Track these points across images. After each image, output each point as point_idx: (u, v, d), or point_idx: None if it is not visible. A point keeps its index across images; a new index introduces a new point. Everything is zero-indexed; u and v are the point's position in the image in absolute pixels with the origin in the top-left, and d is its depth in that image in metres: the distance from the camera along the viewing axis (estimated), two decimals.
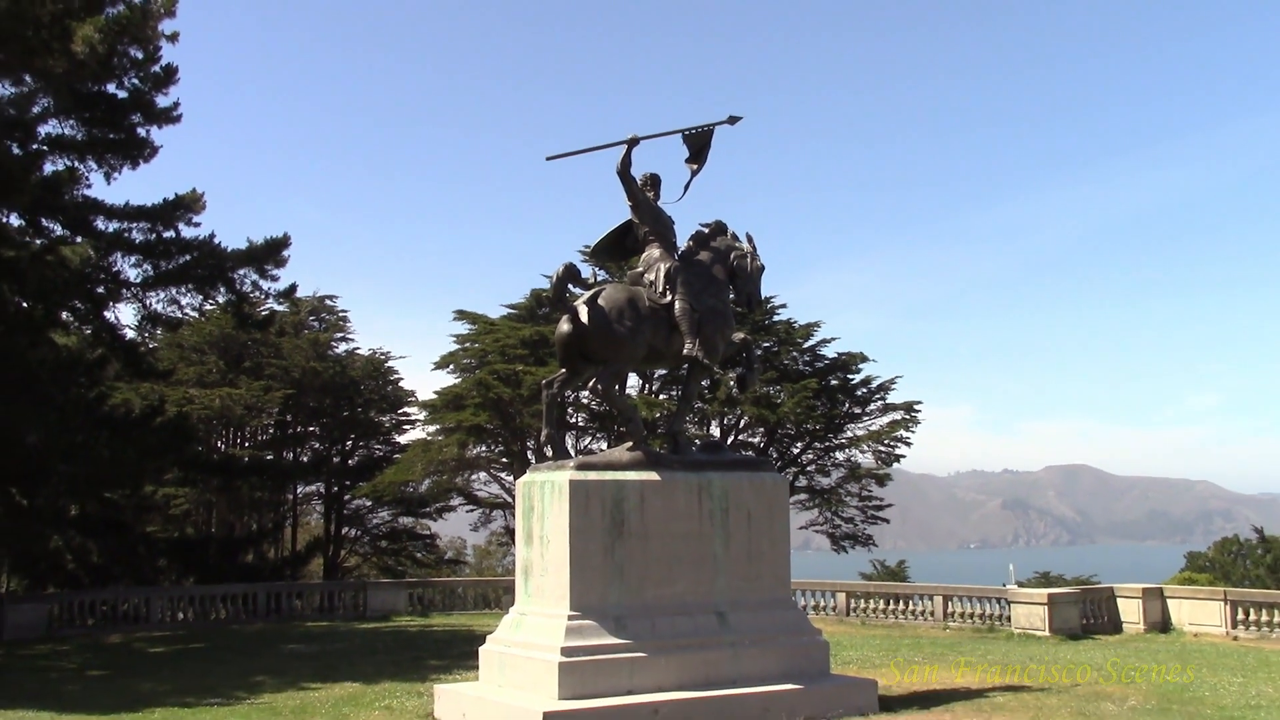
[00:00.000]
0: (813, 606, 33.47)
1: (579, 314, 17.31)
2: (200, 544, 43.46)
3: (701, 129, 18.87)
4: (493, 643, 17.15)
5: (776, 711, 15.86)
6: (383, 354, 52.44)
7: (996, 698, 18.08)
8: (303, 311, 50.85)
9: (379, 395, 52.00)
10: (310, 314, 52.14)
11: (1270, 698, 18.40)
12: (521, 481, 17.61)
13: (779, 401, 45.28)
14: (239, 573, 40.71)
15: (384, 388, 52.21)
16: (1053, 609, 28.79)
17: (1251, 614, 28.56)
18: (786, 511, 18.47)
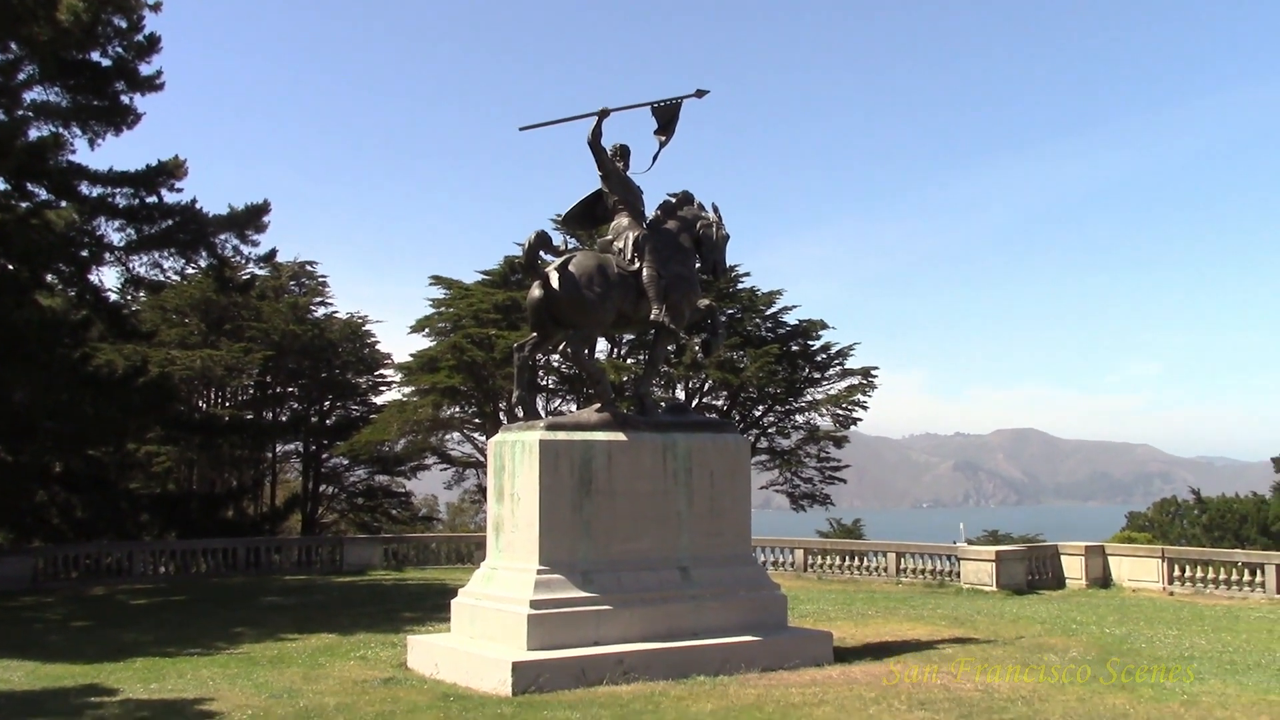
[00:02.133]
0: (772, 562, 33.64)
1: (550, 280, 17.28)
2: (182, 500, 43.21)
3: (670, 102, 18.80)
4: (464, 596, 17.17)
5: (736, 662, 15.97)
6: (360, 318, 52.18)
7: (945, 649, 18.26)
8: (283, 276, 50.50)
9: (356, 357, 51.76)
10: (290, 278, 51.75)
11: (1203, 649, 18.67)
12: (493, 441, 17.60)
13: (742, 366, 45.37)
14: (219, 528, 40.52)
15: (361, 350, 51.96)
16: (1000, 566, 29.07)
17: (1187, 570, 28.93)
18: (748, 471, 18.57)
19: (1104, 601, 26.85)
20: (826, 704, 13.63)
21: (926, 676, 15.55)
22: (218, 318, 47.16)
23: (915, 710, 13.26)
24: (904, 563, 31.83)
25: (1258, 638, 20.28)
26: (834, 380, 49.05)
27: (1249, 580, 27.75)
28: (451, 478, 51.05)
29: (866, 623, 21.95)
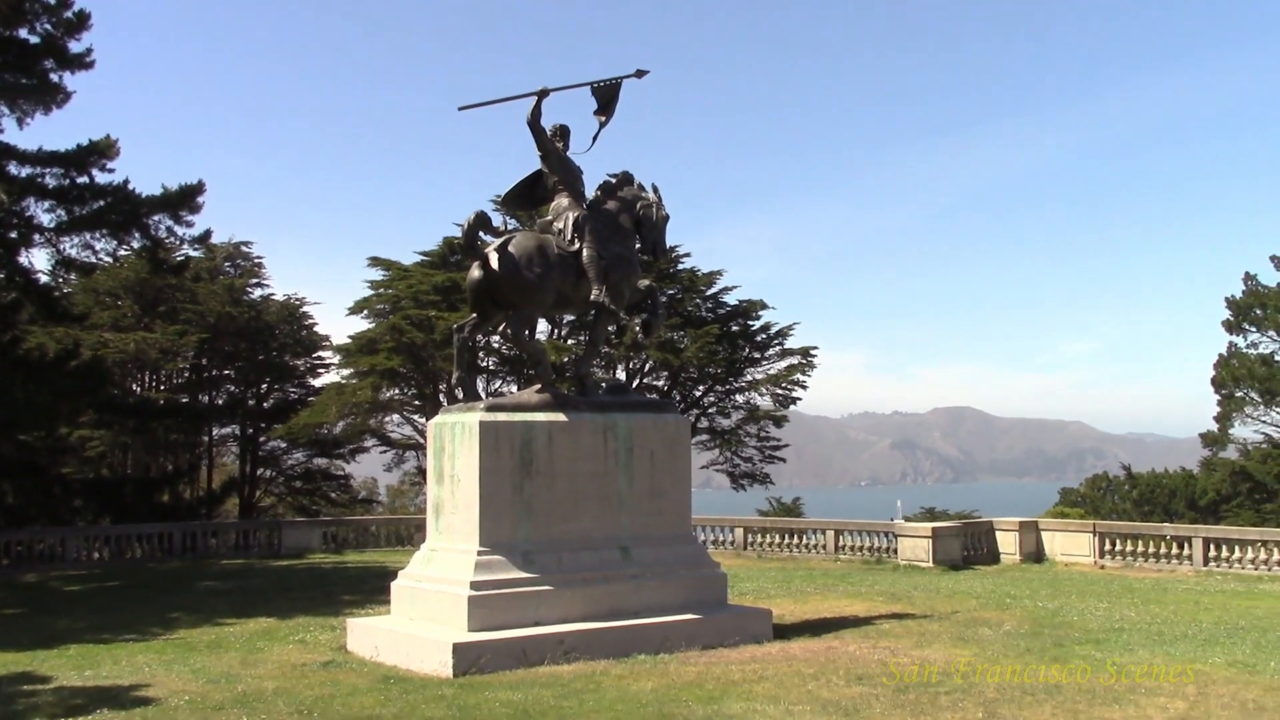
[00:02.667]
0: (712, 541, 33.81)
1: (490, 261, 17.21)
2: (116, 485, 42.52)
3: (609, 82, 18.76)
4: (404, 578, 17.10)
5: (676, 640, 16.05)
6: (298, 299, 51.60)
7: (883, 625, 18.48)
8: (218, 257, 49.76)
9: (294, 340, 51.20)
10: (225, 260, 51.00)
11: (1132, 620, 19.06)
12: (433, 423, 17.52)
13: (682, 346, 45.45)
14: (154, 513, 39.94)
15: (299, 332, 51.40)
16: (936, 542, 29.45)
17: (1117, 545, 29.48)
18: (688, 451, 18.63)
19: (1037, 576, 27.29)
20: (766, 680, 13.75)
21: (864, 652, 15.74)
22: (152, 300, 46.41)
23: (853, 685, 13.42)
24: (842, 540, 32.13)
25: (1185, 609, 20.74)
26: (774, 360, 49.34)
27: (1177, 553, 28.34)
28: (391, 460, 50.82)
29: (806, 600, 22.16)
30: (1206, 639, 17.11)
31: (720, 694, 12.98)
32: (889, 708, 12.20)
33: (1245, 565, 27.02)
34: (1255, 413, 63.48)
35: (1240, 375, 62.42)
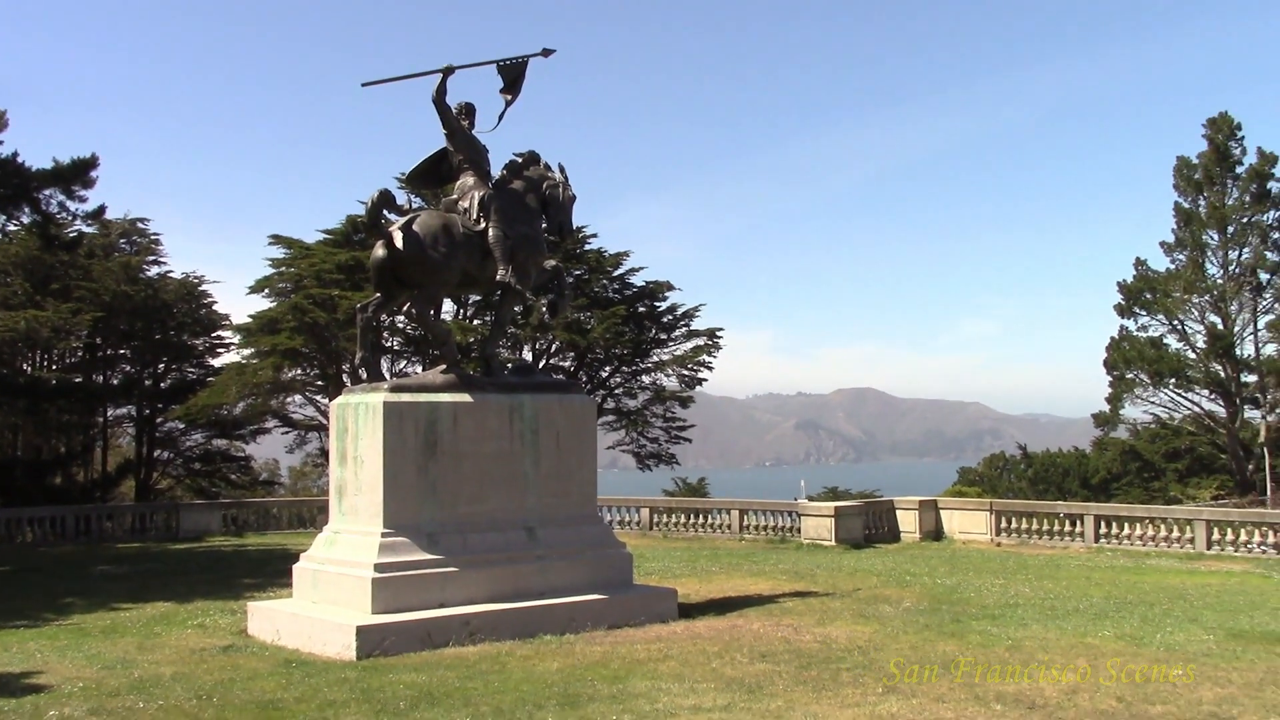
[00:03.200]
0: (618, 521, 33.92)
1: (394, 239, 17.03)
2: (5, 467, 41.35)
3: (516, 60, 18.63)
4: (307, 560, 16.89)
5: (582, 620, 16.10)
6: (196, 278, 50.41)
7: (786, 603, 18.72)
8: (113, 234, 48.41)
9: (192, 319, 50.04)
10: (121, 236, 49.62)
11: (1026, 596, 19.56)
12: (336, 403, 17.31)
13: (589, 327, 45.46)
14: (46, 495, 38.92)
15: (197, 311, 50.25)
16: (839, 521, 29.88)
17: (1013, 522, 30.21)
18: (594, 432, 18.67)
19: (936, 553, 27.86)
20: (671, 659, 13.85)
21: (768, 630, 15.93)
22: (43, 277, 44.99)
23: (757, 662, 13.58)
24: (747, 520, 32.45)
25: (1076, 584, 21.34)
26: (680, 341, 49.58)
27: (1070, 530, 29.12)
28: (293, 441, 50.15)
29: (710, 579, 22.35)
30: (1097, 613, 17.63)
31: (626, 673, 13.05)
32: (792, 684, 12.37)
33: (1134, 542, 27.87)
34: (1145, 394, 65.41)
35: (1131, 357, 64.26)
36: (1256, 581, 22.18)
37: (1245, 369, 62.70)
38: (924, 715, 10.96)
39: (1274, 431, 59.76)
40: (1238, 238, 62.08)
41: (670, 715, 10.99)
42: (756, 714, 11.01)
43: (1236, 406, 62.80)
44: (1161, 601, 18.96)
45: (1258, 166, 61.82)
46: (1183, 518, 28.23)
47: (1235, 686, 12.38)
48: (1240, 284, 61.83)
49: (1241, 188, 62.20)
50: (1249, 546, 26.22)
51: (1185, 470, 65.82)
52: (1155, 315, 64.76)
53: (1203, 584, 21.60)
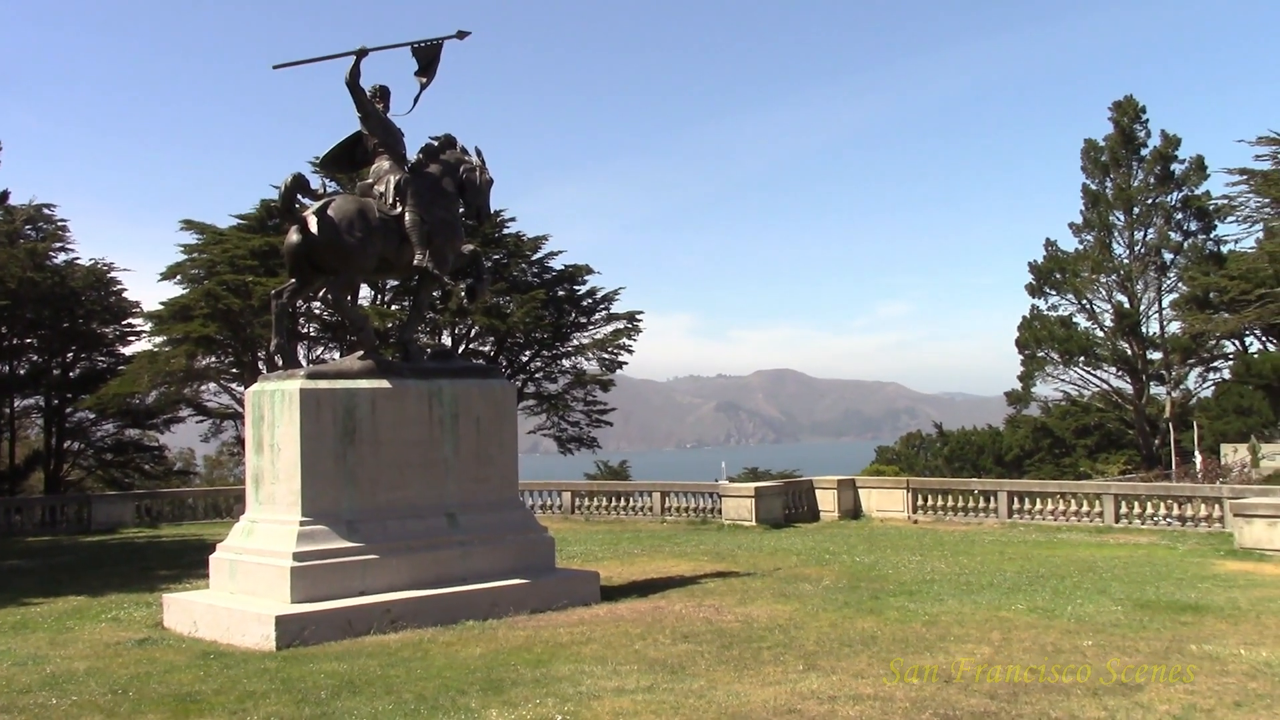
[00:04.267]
0: (540, 506, 33.90)
1: (308, 224, 16.79)
2: None
3: (430, 42, 18.43)
4: (223, 550, 16.64)
5: (504, 605, 16.07)
6: (105, 264, 49.33)
7: (708, 583, 18.86)
8: (17, 220, 47.16)
9: (102, 306, 48.98)
10: (26, 223, 48.36)
11: (942, 572, 19.91)
12: (251, 391, 17.05)
13: (508, 312, 45.32)
14: None
15: (107, 299, 49.18)
16: (759, 501, 30.14)
17: (929, 500, 30.72)
18: (514, 416, 18.61)
19: (855, 532, 28.23)
20: (594, 642, 13.88)
21: (690, 610, 16.03)
22: None
23: (679, 643, 13.66)
24: (668, 502, 32.61)
25: (990, 560, 21.77)
26: (600, 324, 49.68)
27: (984, 507, 29.69)
28: (208, 430, 49.40)
29: (633, 561, 22.43)
30: (1010, 587, 18.00)
31: (548, 657, 13.06)
32: (714, 664, 12.47)
33: (1046, 517, 28.49)
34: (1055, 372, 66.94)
35: (1041, 336, 65.65)
36: (1162, 553, 22.80)
37: (1151, 346, 64.42)
38: (843, 691, 11.12)
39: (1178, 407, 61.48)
40: (1143, 218, 63.66)
41: (593, 697, 11.03)
42: (679, 694, 11.08)
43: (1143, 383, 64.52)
44: (1072, 574, 19.42)
45: (1161, 149, 63.39)
46: (1092, 492, 28.91)
47: (1142, 655, 12.73)
48: (1145, 263, 63.44)
49: (1146, 169, 63.75)
50: (1155, 519, 26.93)
51: (1094, 446, 67.55)
52: (1065, 295, 66.22)
53: (1111, 556, 22.16)
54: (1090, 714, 10.21)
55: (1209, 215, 60.86)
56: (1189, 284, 60.82)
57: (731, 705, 10.63)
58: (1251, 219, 50.90)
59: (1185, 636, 13.82)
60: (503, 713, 10.54)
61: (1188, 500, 26.99)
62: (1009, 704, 10.56)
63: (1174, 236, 63.37)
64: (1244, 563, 21.14)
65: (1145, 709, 10.36)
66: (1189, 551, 23.00)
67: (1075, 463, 64.97)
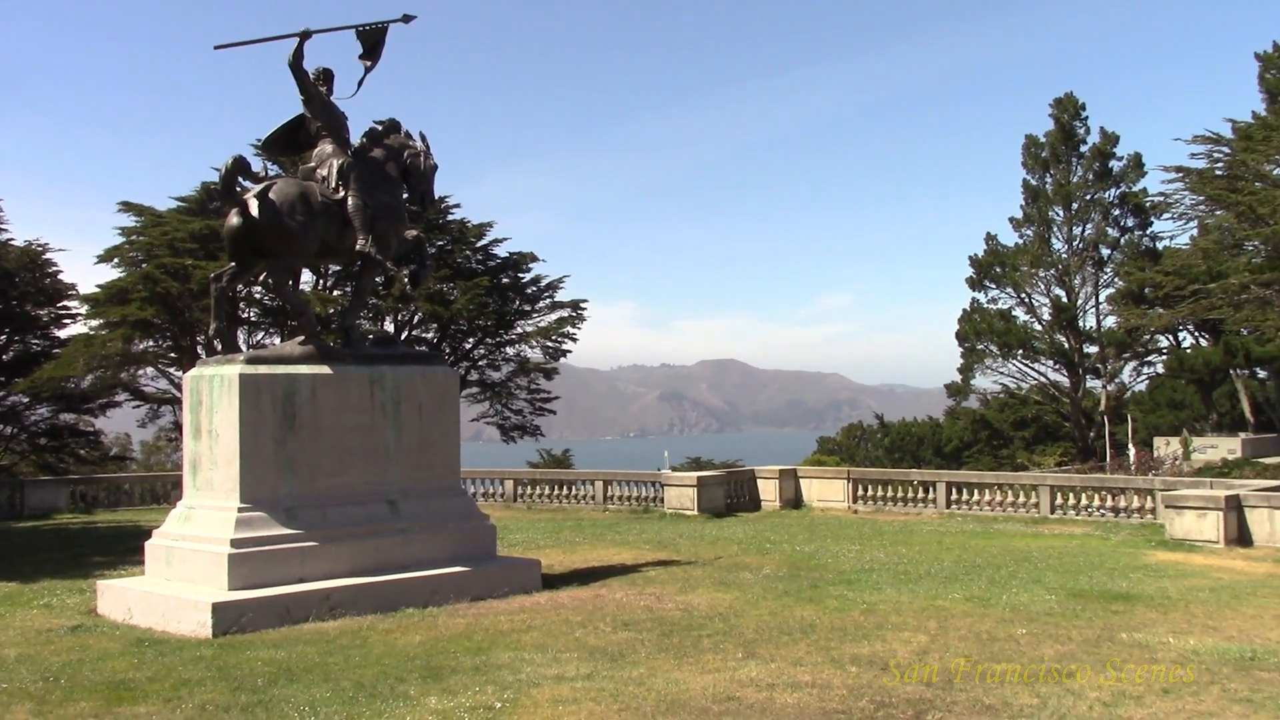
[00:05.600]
0: (482, 494, 33.78)
1: (249, 207, 16.59)
2: None
3: (375, 26, 18.29)
4: (160, 537, 16.43)
5: (445, 592, 16.02)
6: (40, 245, 48.29)
7: (649, 572, 18.90)
8: None
9: (36, 288, 47.91)
10: None
11: (881, 561, 20.10)
12: (189, 375, 16.83)
13: (452, 298, 45.08)
14: None
15: (41, 280, 48.11)
16: (701, 490, 30.23)
17: (869, 490, 30.97)
18: (457, 403, 18.53)
19: (795, 521, 28.41)
20: (534, 629, 13.88)
21: (630, 599, 16.07)
22: None
23: (620, 631, 13.69)
24: (611, 490, 32.62)
25: (928, 549, 22.01)
26: (544, 313, 49.54)
27: (923, 497, 29.98)
28: (145, 415, 48.66)
29: (574, 549, 22.43)
30: (947, 577, 18.22)
31: (489, 644, 13.03)
32: (654, 651, 12.51)
33: (983, 507, 28.83)
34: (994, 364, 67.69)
35: (981, 329, 66.36)
36: (1095, 543, 23.17)
37: (1087, 340, 65.34)
38: (781, 679, 11.20)
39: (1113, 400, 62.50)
40: (1081, 214, 64.51)
41: (533, 685, 11.02)
42: (619, 681, 11.11)
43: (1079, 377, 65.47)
44: (1008, 564, 19.68)
45: (1100, 145, 64.26)
46: (1028, 484, 29.27)
47: (1074, 643, 12.94)
48: (1083, 259, 64.31)
49: (1085, 166, 64.60)
50: (1089, 510, 27.34)
51: (1032, 438, 68.52)
52: (1004, 288, 66.97)
53: (1046, 546, 22.48)
54: (1023, 701, 10.37)
55: (1145, 212, 61.77)
56: (1125, 279, 61.75)
57: (671, 693, 10.67)
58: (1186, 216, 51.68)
59: (1116, 625, 14.07)
60: (442, 700, 10.51)
61: (1121, 492, 27.43)
62: (943, 691, 10.70)
63: (1111, 232, 64.29)
64: (1174, 553, 21.54)
65: (1076, 696, 10.53)
66: (1121, 542, 23.39)
67: (1013, 454, 65.85)
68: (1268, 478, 34.80)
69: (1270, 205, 41.93)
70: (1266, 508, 22.81)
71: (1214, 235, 49.42)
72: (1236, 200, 43.99)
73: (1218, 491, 23.72)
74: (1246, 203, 43.12)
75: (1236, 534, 22.73)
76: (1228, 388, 67.48)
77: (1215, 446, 54.93)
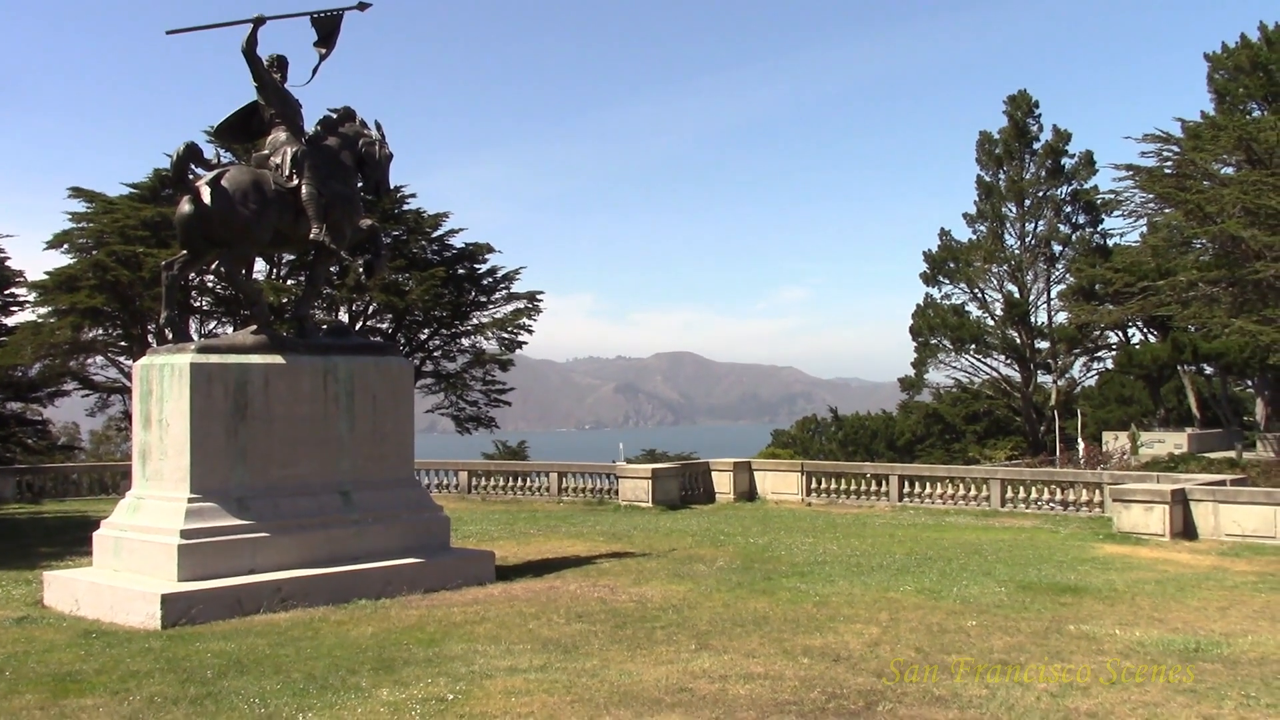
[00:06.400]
0: (436, 485, 33.64)
1: (201, 195, 16.40)
2: None
3: (330, 13, 18.10)
4: (108, 527, 16.23)
5: (398, 584, 15.94)
6: None
7: (603, 564, 18.91)
8: None
9: None
10: None
11: (834, 553, 20.22)
12: (140, 364, 16.62)
13: (407, 289, 44.84)
14: None
15: None
16: (656, 483, 30.27)
17: (823, 483, 31.14)
18: (411, 394, 18.44)
19: (750, 514, 28.52)
20: (488, 621, 13.84)
21: (584, 590, 16.07)
22: None
23: (573, 623, 13.68)
24: (565, 482, 32.60)
25: (881, 542, 22.16)
26: (500, 304, 49.40)
27: (876, 490, 30.19)
28: (95, 404, 48.01)
29: (528, 541, 22.40)
30: (899, 569, 18.35)
31: (442, 636, 12.98)
32: (607, 643, 12.51)
33: (935, 500, 29.08)
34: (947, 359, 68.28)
35: (935, 324, 66.90)
36: (1045, 536, 23.44)
37: (1039, 336, 66.06)
38: (734, 670, 11.24)
39: (1063, 395, 63.22)
40: (1034, 210, 65.19)
41: (486, 677, 10.99)
42: (572, 673, 11.10)
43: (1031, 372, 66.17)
44: (959, 557, 19.86)
45: (1053, 143, 64.93)
46: (979, 477, 29.57)
47: (1024, 635, 13.08)
48: (1035, 254, 64.99)
49: (1038, 163, 65.24)
50: (1039, 504, 27.64)
51: (983, 432, 69.16)
52: (958, 284, 67.55)
53: (997, 539, 22.71)
54: (973, 692, 10.46)
55: (1097, 209, 62.52)
56: (1076, 275, 62.47)
57: (624, 684, 10.68)
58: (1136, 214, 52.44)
59: (1065, 617, 14.23)
60: (394, 692, 10.46)
61: (1070, 485, 27.75)
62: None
63: (1063, 229, 65.00)
64: (1122, 546, 21.84)
65: (1025, 687, 10.65)
66: (1070, 535, 23.67)
67: (965, 448, 66.44)
68: (1213, 472, 35.38)
69: (1218, 204, 42.56)
70: (1211, 501, 23.18)
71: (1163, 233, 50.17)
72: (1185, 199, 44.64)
73: (1164, 486, 24.05)
74: (1195, 201, 43.75)
75: (1182, 527, 23.09)
76: (1175, 383, 68.48)
77: (1162, 441, 55.73)
